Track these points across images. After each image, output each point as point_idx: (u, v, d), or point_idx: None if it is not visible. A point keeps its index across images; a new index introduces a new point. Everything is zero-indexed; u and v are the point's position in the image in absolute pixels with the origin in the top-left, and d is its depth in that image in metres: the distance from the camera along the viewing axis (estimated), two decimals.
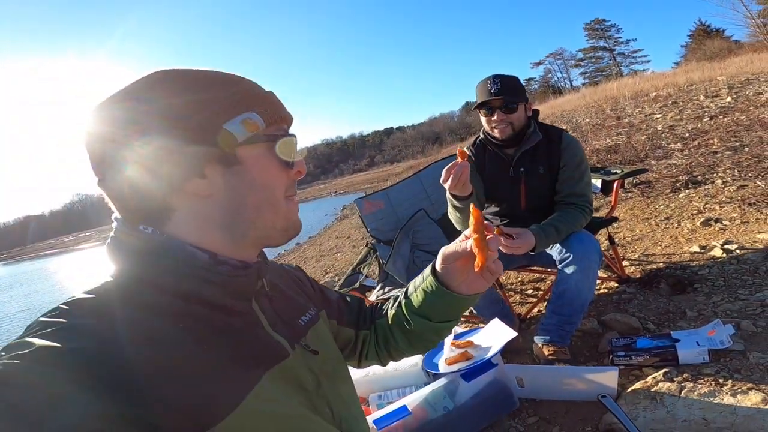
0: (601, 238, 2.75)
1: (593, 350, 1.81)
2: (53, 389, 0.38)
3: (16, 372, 0.38)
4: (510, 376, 1.52)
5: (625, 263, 2.57)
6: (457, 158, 1.39)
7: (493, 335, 1.47)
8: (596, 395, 1.39)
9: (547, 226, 1.64)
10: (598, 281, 2.33)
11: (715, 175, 3.99)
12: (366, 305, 0.90)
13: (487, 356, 1.37)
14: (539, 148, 1.80)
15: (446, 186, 1.51)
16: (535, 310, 2.25)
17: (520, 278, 2.87)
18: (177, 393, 0.44)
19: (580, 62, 46.01)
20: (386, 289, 2.37)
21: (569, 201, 1.77)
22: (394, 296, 0.87)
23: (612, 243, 2.38)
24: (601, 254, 1.71)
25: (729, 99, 7.63)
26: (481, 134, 1.91)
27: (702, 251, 2.50)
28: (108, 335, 0.44)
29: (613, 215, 2.35)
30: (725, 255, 2.36)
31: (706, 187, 3.77)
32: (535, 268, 2.21)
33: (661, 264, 2.50)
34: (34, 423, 0.35)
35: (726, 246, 2.45)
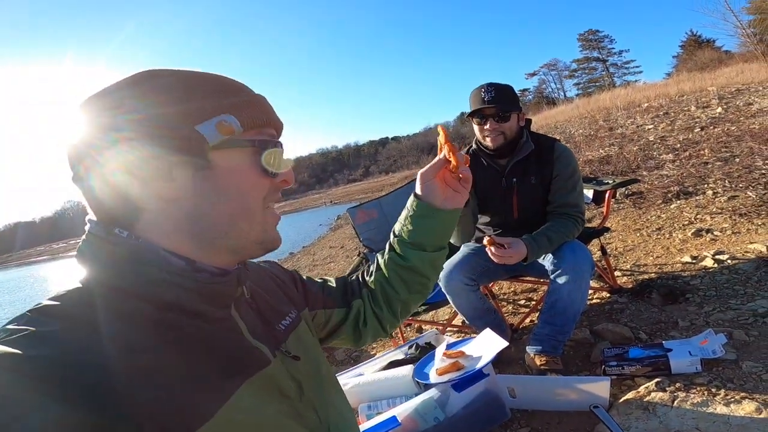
0: (593, 249, 2.75)
1: (585, 360, 1.80)
2: (12, 396, 0.37)
3: None
4: (501, 387, 1.50)
5: (617, 273, 2.58)
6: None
7: (485, 345, 1.46)
8: (588, 405, 1.38)
9: (539, 236, 1.64)
10: (590, 291, 2.33)
11: (706, 186, 4.04)
12: (348, 279, 0.90)
13: (478, 366, 1.36)
14: (531, 158, 1.81)
15: None
16: (528, 321, 2.24)
17: (513, 288, 2.86)
18: (147, 401, 0.42)
19: (574, 73, 46.79)
20: None
21: (561, 211, 1.77)
22: (380, 251, 0.87)
23: (604, 253, 2.39)
24: (594, 264, 1.71)
25: (719, 110, 7.76)
26: (474, 144, 1.91)
27: (693, 261, 2.51)
28: (72, 342, 0.43)
29: (605, 225, 2.36)
30: (717, 265, 2.37)
31: (698, 198, 3.81)
32: (528, 279, 2.20)
33: (653, 274, 2.51)
34: None
35: (717, 256, 2.46)
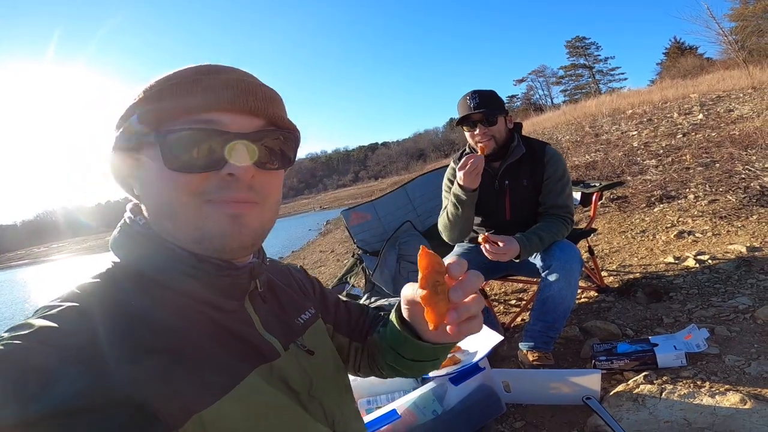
0: (581, 250, 2.83)
1: (576, 356, 1.86)
2: (48, 367, 0.39)
3: (15, 350, 0.40)
4: (497, 381, 1.55)
5: (604, 274, 2.66)
6: (478, 152, 1.69)
7: (480, 340, 1.51)
8: (581, 398, 1.43)
9: (531, 235, 1.70)
10: (579, 291, 2.40)
11: (688, 190, 4.18)
12: (366, 314, 0.85)
13: (475, 360, 1.40)
14: (523, 162, 1.87)
15: (460, 174, 1.67)
16: (519, 319, 2.30)
17: (504, 289, 2.92)
18: (168, 376, 0.45)
19: (561, 80, 47.35)
20: (372, 299, 2.39)
21: (552, 212, 1.84)
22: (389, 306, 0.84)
23: (591, 254, 2.47)
24: (582, 262, 1.78)
25: (701, 116, 8.00)
26: (467, 149, 1.97)
27: (676, 262, 2.61)
28: (106, 318, 0.46)
29: (592, 227, 2.44)
30: (698, 265, 2.47)
31: (680, 202, 3.94)
32: (519, 278, 2.27)
33: (638, 274, 2.59)
34: (25, 400, 0.37)
35: (699, 257, 2.56)
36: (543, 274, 1.72)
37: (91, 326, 0.44)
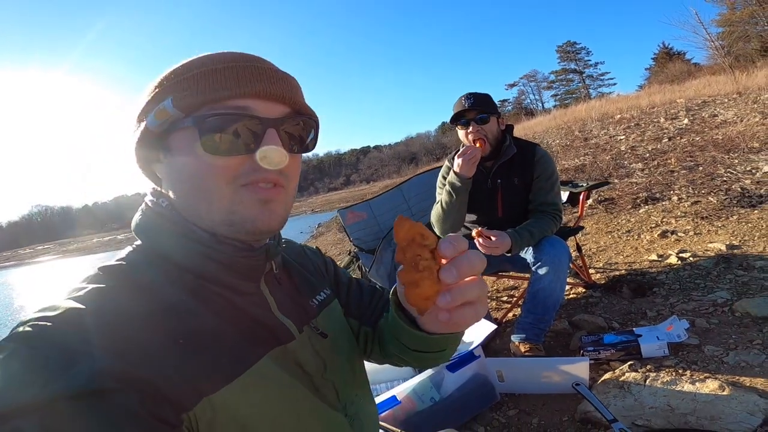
0: (570, 248, 2.94)
1: (565, 348, 1.94)
2: (70, 348, 0.40)
3: (40, 331, 0.41)
4: (491, 371, 1.62)
5: (592, 271, 2.76)
6: (477, 145, 1.82)
7: (475, 329, 1.58)
8: (571, 385, 1.50)
9: (522, 230, 1.79)
10: (568, 287, 2.50)
11: (672, 192, 4.33)
12: (380, 297, 0.80)
13: (471, 348, 1.47)
14: (514, 161, 1.96)
15: (458, 160, 1.79)
16: (510, 315, 2.38)
17: (496, 286, 3.01)
18: (182, 359, 0.46)
19: (552, 84, 47.48)
20: None
21: (541, 209, 1.93)
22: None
23: (579, 251, 2.57)
24: (571, 257, 1.87)
25: (686, 121, 8.22)
26: (461, 148, 2.05)
27: (660, 259, 2.73)
28: (127, 300, 0.48)
29: (580, 225, 2.54)
30: (680, 262, 2.58)
31: (664, 203, 4.08)
32: (510, 275, 2.35)
33: (623, 271, 2.70)
34: (44, 381, 0.38)
35: (681, 254, 2.68)
36: (533, 268, 1.81)
37: (114, 308, 0.46)
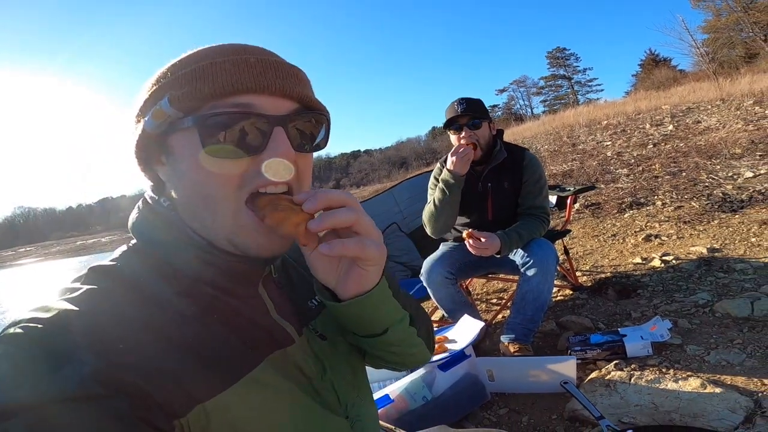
0: (558, 251, 3.01)
1: (553, 348, 1.99)
2: (61, 351, 0.39)
3: (30, 333, 0.40)
4: (481, 370, 1.66)
5: (578, 273, 2.83)
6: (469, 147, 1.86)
7: (465, 330, 1.62)
8: (559, 383, 1.54)
9: (512, 232, 1.84)
10: (555, 289, 2.55)
11: (656, 198, 4.45)
12: None
13: (462, 347, 1.51)
14: (504, 165, 2.01)
15: (452, 158, 1.82)
16: (500, 317, 2.43)
17: (485, 289, 3.06)
18: (177, 365, 0.44)
19: (541, 90, 47.54)
20: None
21: (530, 212, 1.99)
22: None
23: (567, 254, 2.63)
24: (558, 259, 1.93)
25: (671, 127, 8.43)
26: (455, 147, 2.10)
27: (644, 262, 2.81)
28: (122, 303, 0.46)
29: (567, 228, 2.61)
30: (663, 265, 2.66)
31: (648, 208, 4.19)
32: (500, 276, 2.40)
33: (609, 274, 2.77)
34: (34, 383, 0.37)
35: (664, 257, 2.76)
36: (522, 270, 1.86)
37: (107, 310, 0.44)
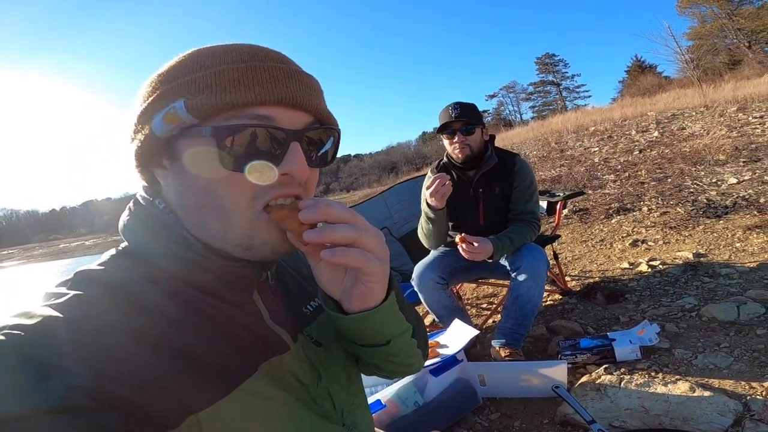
0: (547, 255, 3.05)
1: (543, 353, 2.00)
2: (45, 361, 0.37)
3: (12, 341, 0.38)
4: (473, 375, 1.66)
5: (567, 279, 2.85)
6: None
7: (457, 335, 1.62)
8: (550, 388, 1.54)
9: (503, 237, 1.85)
10: (545, 294, 2.58)
11: (642, 203, 4.52)
12: None
13: (453, 352, 1.51)
14: (496, 171, 2.02)
15: (428, 193, 1.76)
16: (490, 321, 2.44)
17: (476, 294, 3.07)
18: (169, 375, 0.43)
19: (530, 96, 47.84)
20: None
21: (521, 217, 2.00)
22: None
23: (556, 259, 2.66)
24: (548, 263, 1.94)
25: (656, 133, 8.60)
26: (445, 158, 2.11)
27: (631, 267, 2.85)
28: (111, 310, 0.44)
29: (557, 233, 2.63)
30: (650, 270, 2.70)
31: (635, 214, 4.26)
32: (490, 281, 2.41)
33: (597, 279, 2.81)
34: (17, 394, 0.35)
35: (651, 262, 2.81)
36: (513, 275, 1.87)
37: (95, 318, 0.42)
